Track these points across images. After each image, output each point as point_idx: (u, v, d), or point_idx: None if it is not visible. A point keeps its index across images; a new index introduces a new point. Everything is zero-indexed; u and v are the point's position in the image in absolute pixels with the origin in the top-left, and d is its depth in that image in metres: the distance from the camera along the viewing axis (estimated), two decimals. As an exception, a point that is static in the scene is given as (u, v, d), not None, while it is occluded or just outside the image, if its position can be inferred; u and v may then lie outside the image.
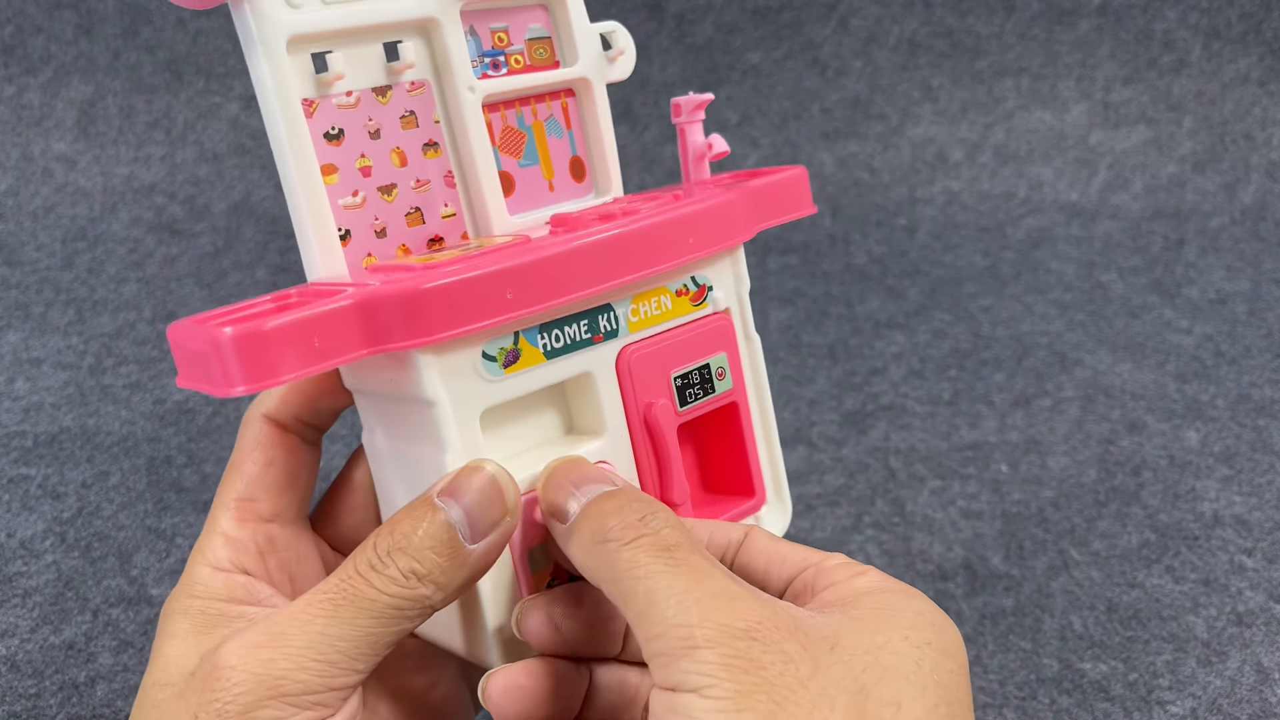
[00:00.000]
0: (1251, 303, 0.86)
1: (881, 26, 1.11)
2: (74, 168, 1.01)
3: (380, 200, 0.32)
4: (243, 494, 0.31)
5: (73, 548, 0.54)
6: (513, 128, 0.34)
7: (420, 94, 0.32)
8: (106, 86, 1.04)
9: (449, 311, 0.28)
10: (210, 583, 0.30)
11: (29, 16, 1.03)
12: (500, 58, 0.34)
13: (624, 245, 0.31)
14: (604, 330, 0.32)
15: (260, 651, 0.26)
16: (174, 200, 0.99)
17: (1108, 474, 0.62)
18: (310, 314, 0.26)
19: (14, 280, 0.86)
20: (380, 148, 0.32)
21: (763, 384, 0.37)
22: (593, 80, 0.35)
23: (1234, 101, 1.09)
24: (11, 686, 0.46)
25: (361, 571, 0.26)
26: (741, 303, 0.36)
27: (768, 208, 0.36)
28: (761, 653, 0.23)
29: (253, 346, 0.25)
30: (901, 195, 1.05)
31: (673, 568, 0.25)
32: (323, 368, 0.26)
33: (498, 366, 0.29)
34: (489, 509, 0.27)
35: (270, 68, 0.29)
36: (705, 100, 0.36)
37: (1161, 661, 0.47)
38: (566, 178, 0.36)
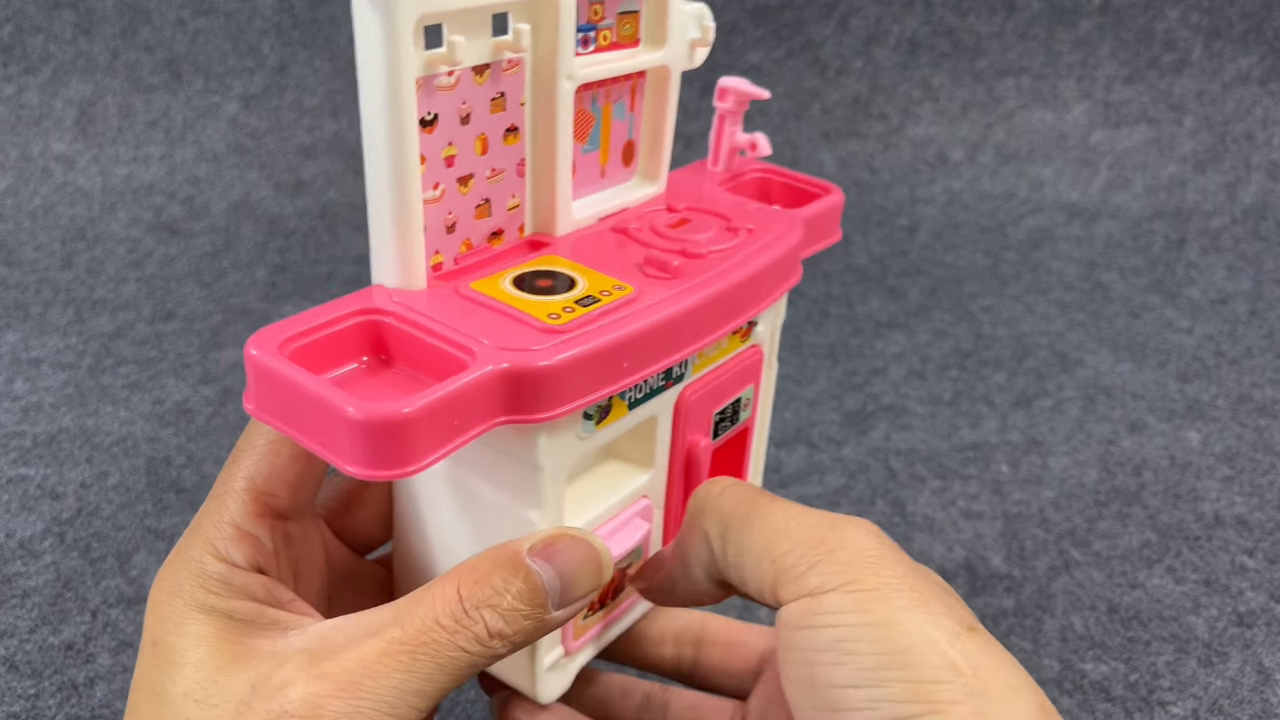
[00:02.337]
0: (1252, 302, 0.85)
1: (882, 26, 1.11)
2: (73, 167, 1.01)
3: (457, 192, 0.29)
4: (261, 486, 0.29)
5: (72, 548, 0.54)
6: (585, 110, 0.32)
7: (515, 74, 0.29)
8: (105, 86, 1.04)
9: (580, 385, 0.26)
10: (229, 580, 0.27)
11: (28, 16, 1.03)
12: (591, 33, 0.31)
13: (719, 306, 0.30)
14: (675, 376, 0.31)
15: (334, 703, 0.24)
16: (173, 200, 0.99)
17: (1108, 474, 0.62)
18: (450, 391, 0.23)
19: (13, 280, 0.86)
20: (467, 134, 0.28)
21: (769, 405, 0.37)
22: (673, 68, 0.33)
23: (1235, 101, 1.09)
24: (10, 687, 0.45)
25: (444, 624, 0.25)
26: (774, 334, 0.36)
27: (812, 239, 0.36)
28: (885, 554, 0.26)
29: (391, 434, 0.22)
30: (902, 195, 1.05)
31: (775, 500, 0.28)
32: (454, 448, 0.24)
33: (593, 425, 0.29)
34: (585, 581, 0.27)
35: (392, 50, 0.25)
36: (758, 95, 0.35)
37: (1162, 662, 0.47)
38: (617, 162, 0.34)
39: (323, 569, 0.32)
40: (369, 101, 0.26)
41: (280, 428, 0.25)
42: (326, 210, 1.00)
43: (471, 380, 0.24)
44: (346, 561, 0.34)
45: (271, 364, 0.24)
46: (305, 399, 0.23)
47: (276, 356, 0.24)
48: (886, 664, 0.23)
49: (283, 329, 0.25)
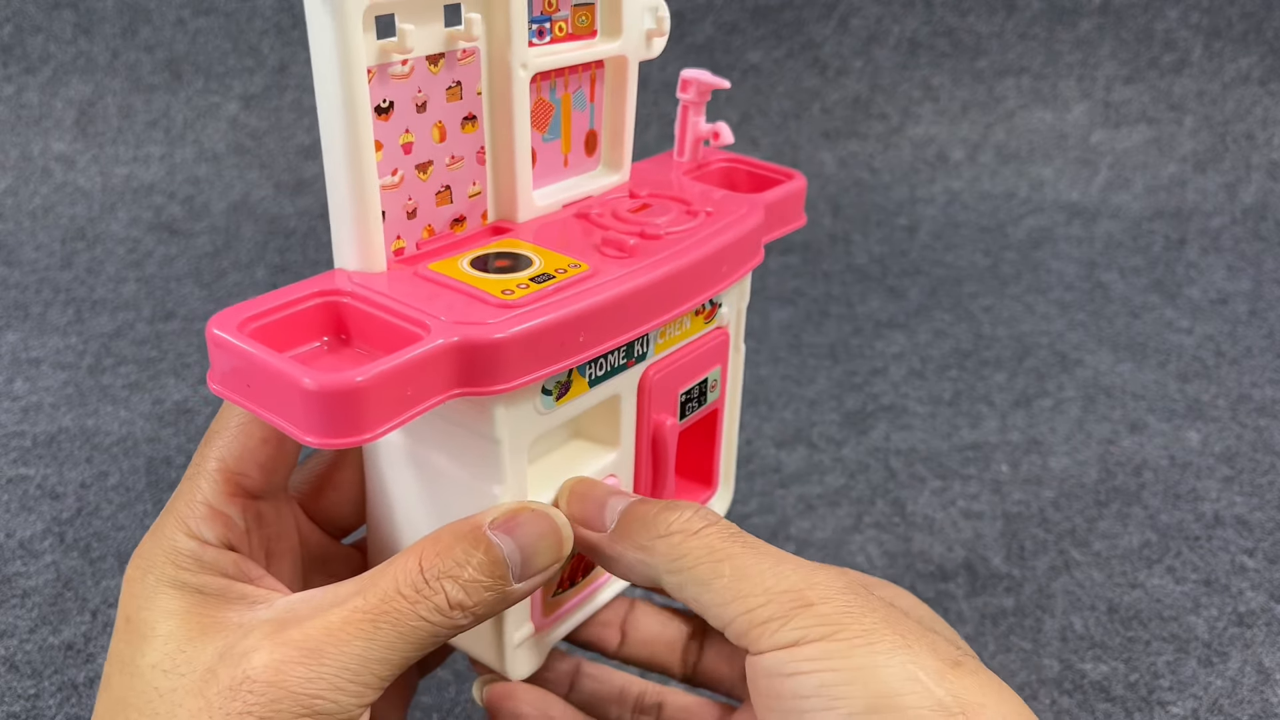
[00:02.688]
0: (1253, 302, 0.85)
1: (882, 26, 1.11)
2: (73, 167, 1.01)
3: (416, 179, 0.30)
4: (233, 467, 0.29)
5: (71, 548, 0.54)
6: (544, 100, 0.33)
7: (469, 63, 0.30)
8: (105, 86, 1.04)
9: (534, 357, 0.27)
10: (200, 556, 0.28)
11: (28, 16, 1.03)
12: (546, 24, 0.31)
13: (680, 279, 0.31)
14: (637, 355, 0.32)
15: (296, 669, 0.25)
16: (173, 200, 0.99)
17: (1108, 474, 0.62)
18: (404, 361, 0.24)
19: (13, 280, 0.86)
20: (424, 122, 0.29)
21: (738, 389, 0.37)
22: (630, 58, 0.34)
23: (1235, 101, 1.09)
24: (10, 687, 0.45)
25: (405, 594, 0.26)
26: (739, 316, 0.36)
27: (773, 222, 0.37)
28: (864, 603, 0.26)
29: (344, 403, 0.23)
30: (902, 195, 1.05)
31: (751, 549, 0.27)
32: (408, 418, 0.25)
33: (552, 400, 0.29)
34: (546, 554, 0.28)
35: (342, 38, 0.25)
36: (718, 85, 0.36)
37: (1162, 662, 0.47)
38: (580, 151, 0.35)
39: (296, 550, 0.33)
40: (323, 88, 0.26)
41: (241, 403, 0.25)
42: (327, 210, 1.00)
43: (424, 352, 0.25)
44: (321, 545, 0.34)
45: (231, 340, 0.25)
46: (263, 372, 0.24)
47: (236, 334, 0.25)
48: (874, 707, 0.24)
49: (244, 309, 0.26)
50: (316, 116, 0.28)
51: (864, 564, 0.54)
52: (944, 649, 0.25)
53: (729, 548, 0.27)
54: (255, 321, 0.26)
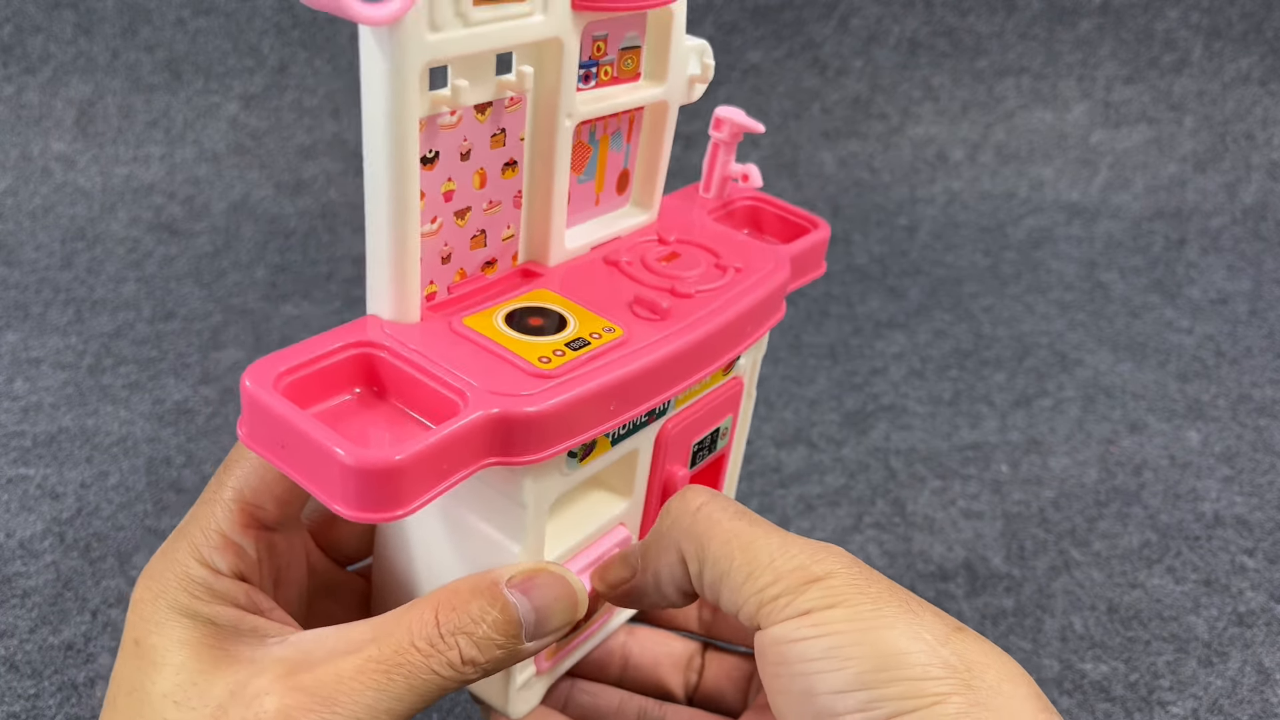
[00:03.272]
0: (1253, 302, 0.85)
1: (882, 26, 1.11)
2: (73, 167, 1.01)
3: (454, 225, 0.29)
4: (250, 499, 0.29)
5: (71, 548, 0.54)
6: (583, 143, 0.33)
7: (516, 111, 0.29)
8: (105, 86, 1.04)
9: (567, 429, 0.27)
10: (213, 586, 0.28)
11: (28, 16, 1.03)
12: (593, 69, 0.31)
13: (705, 348, 0.31)
14: (658, 412, 0.32)
15: (308, 716, 0.25)
16: (173, 200, 0.99)
17: (1108, 474, 0.62)
18: (441, 438, 0.24)
19: (13, 280, 0.86)
20: (466, 170, 0.29)
21: (745, 431, 0.38)
22: (672, 104, 0.34)
23: (1235, 101, 1.09)
24: (10, 687, 0.45)
25: (419, 646, 0.26)
26: (755, 367, 0.36)
27: (796, 273, 0.36)
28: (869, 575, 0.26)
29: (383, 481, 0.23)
30: (902, 195, 1.05)
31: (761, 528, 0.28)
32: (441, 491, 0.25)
33: (577, 462, 0.29)
34: (560, 616, 0.28)
35: (397, 94, 0.25)
36: (753, 129, 0.35)
37: (1162, 662, 0.47)
38: (611, 190, 0.35)
39: (303, 578, 0.33)
40: (372, 139, 0.26)
41: (273, 460, 0.25)
42: (326, 210, 1.00)
43: (462, 426, 0.25)
44: (327, 571, 0.35)
45: (267, 400, 0.24)
46: (298, 437, 0.24)
47: (272, 392, 0.25)
48: (882, 665, 0.24)
49: (279, 361, 0.26)
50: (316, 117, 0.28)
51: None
52: (946, 617, 0.26)
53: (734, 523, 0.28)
54: (290, 375, 0.25)
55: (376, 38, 0.24)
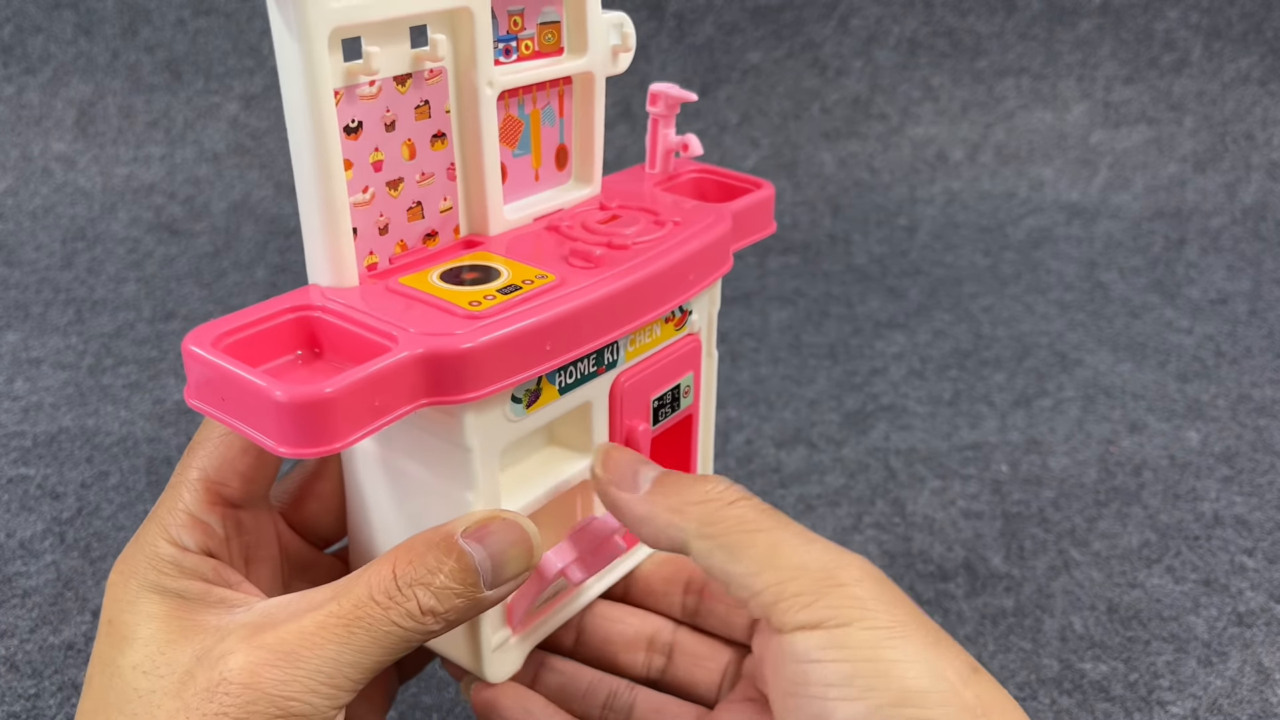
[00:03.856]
0: (1252, 302, 0.85)
1: (882, 26, 1.11)
2: (73, 167, 1.01)
3: (387, 196, 0.30)
4: (214, 476, 0.30)
5: (72, 548, 0.54)
6: (513, 117, 0.33)
7: (437, 83, 0.31)
8: (106, 86, 1.04)
9: (498, 368, 0.27)
10: (181, 562, 0.29)
11: (28, 16, 1.03)
12: (513, 43, 0.32)
13: (646, 288, 0.31)
14: (607, 362, 0.32)
15: (272, 671, 0.25)
16: (173, 200, 0.99)
17: (1108, 474, 0.62)
18: (371, 373, 0.25)
19: (13, 280, 0.86)
20: (393, 140, 0.30)
21: (712, 393, 0.38)
22: (597, 74, 0.35)
23: (1235, 101, 1.09)
24: (11, 687, 0.46)
25: (378, 600, 0.26)
26: (711, 323, 0.37)
27: (742, 230, 0.37)
28: (893, 592, 0.26)
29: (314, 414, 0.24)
30: (902, 195, 1.05)
31: (784, 525, 0.27)
32: (378, 427, 0.25)
33: (522, 407, 0.30)
34: (515, 562, 0.28)
35: (308, 62, 0.26)
36: (686, 98, 0.37)
37: (1162, 662, 0.47)
38: (551, 166, 0.36)
39: (276, 558, 0.33)
40: (292, 111, 0.27)
41: (217, 416, 0.26)
42: (327, 210, 1.00)
43: (391, 363, 0.25)
44: (303, 554, 0.35)
45: (205, 356, 0.25)
46: (236, 386, 0.25)
47: (210, 349, 0.26)
48: (903, 700, 0.24)
49: (218, 325, 0.27)
50: None
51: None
52: (964, 654, 0.26)
53: (762, 520, 0.27)
54: (229, 337, 0.26)
55: (281, 7, 0.26)
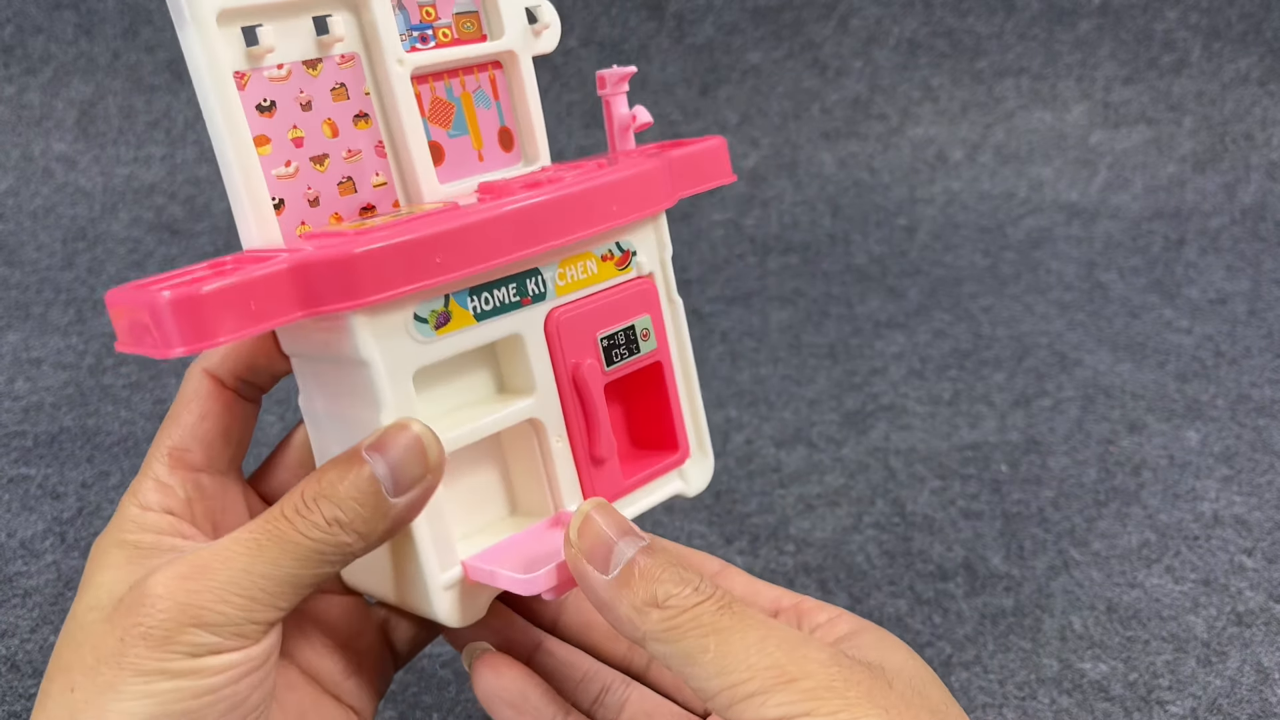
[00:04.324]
0: (1252, 303, 0.86)
1: (881, 26, 1.11)
2: (74, 168, 1.01)
3: (312, 170, 0.32)
4: (176, 443, 0.32)
5: (73, 547, 0.54)
6: (442, 99, 0.35)
7: (350, 67, 0.33)
8: (106, 86, 1.04)
9: (379, 274, 0.29)
10: (140, 520, 0.31)
11: (29, 16, 1.03)
12: (428, 31, 0.34)
13: (548, 211, 0.32)
14: (532, 293, 0.33)
15: (185, 583, 0.27)
16: (174, 200, 0.99)
17: (1108, 474, 0.62)
18: (245, 278, 0.27)
19: (14, 280, 0.86)
20: (312, 119, 0.32)
21: (685, 344, 0.38)
22: (518, 53, 0.36)
23: (1234, 101, 1.09)
24: (12, 687, 0.46)
25: (287, 515, 0.28)
26: (664, 267, 0.37)
27: (689, 176, 0.38)
28: (849, 675, 0.26)
29: (190, 309, 0.26)
30: (901, 195, 1.05)
31: (740, 621, 0.27)
32: (259, 329, 0.28)
33: (429, 328, 0.31)
34: (412, 465, 0.29)
35: (201, 41, 0.29)
36: (629, 73, 0.38)
37: (1161, 661, 0.47)
38: (495, 148, 0.37)
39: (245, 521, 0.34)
40: (199, 89, 0.30)
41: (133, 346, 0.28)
42: (327, 210, 1.00)
43: (266, 271, 0.28)
44: None
45: (116, 295, 0.28)
46: (136, 304, 0.27)
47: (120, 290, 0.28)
48: None
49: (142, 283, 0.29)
50: None
51: (863, 563, 0.54)
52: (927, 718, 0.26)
53: (720, 620, 0.27)
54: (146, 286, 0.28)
55: None
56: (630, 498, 0.36)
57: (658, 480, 0.37)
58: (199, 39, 0.29)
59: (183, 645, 0.27)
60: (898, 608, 0.51)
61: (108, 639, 0.27)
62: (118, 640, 0.27)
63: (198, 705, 0.27)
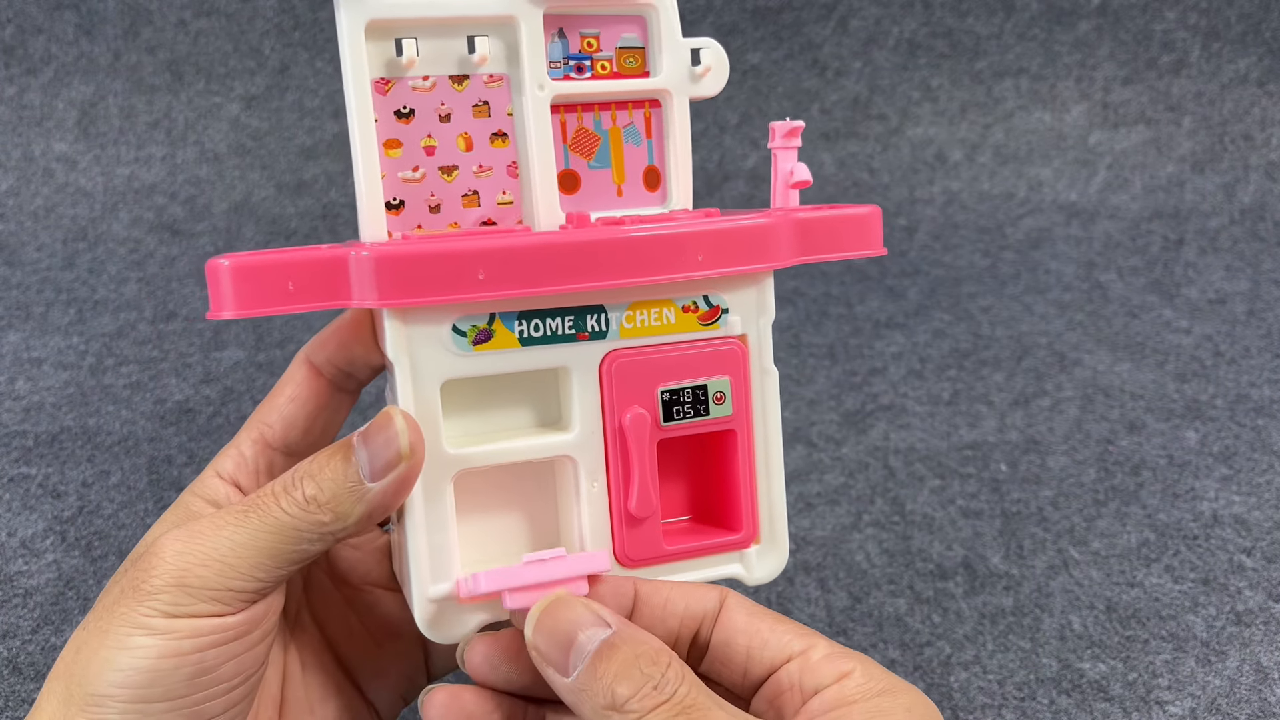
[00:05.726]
0: (1250, 303, 0.86)
1: (881, 27, 1.11)
2: (75, 168, 1.01)
3: (439, 178, 0.34)
4: (264, 419, 0.34)
5: (73, 547, 0.54)
6: (587, 129, 0.35)
7: (498, 87, 0.34)
8: (107, 87, 1.04)
9: (414, 280, 0.29)
10: (210, 486, 0.33)
11: (30, 17, 1.03)
12: (586, 62, 0.35)
13: (613, 249, 0.31)
14: (591, 329, 0.32)
15: (177, 544, 0.29)
16: (174, 200, 0.99)
17: (1107, 473, 0.62)
18: (288, 259, 0.29)
19: (15, 280, 0.86)
20: (448, 130, 0.34)
21: (772, 418, 0.35)
22: (674, 93, 0.36)
23: (1233, 102, 1.09)
24: (14, 690, 0.46)
25: (276, 491, 0.29)
26: (761, 332, 0.35)
27: (820, 241, 0.35)
28: None
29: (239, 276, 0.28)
30: (901, 195, 1.05)
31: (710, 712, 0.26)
32: (297, 308, 0.29)
33: (467, 342, 0.31)
34: (385, 450, 0.29)
35: (349, 46, 0.32)
36: (798, 127, 0.36)
37: (1161, 661, 0.47)
38: (639, 185, 0.36)
39: None
40: (345, 88, 0.32)
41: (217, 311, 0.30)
42: (328, 211, 1.00)
43: (307, 255, 0.29)
44: None
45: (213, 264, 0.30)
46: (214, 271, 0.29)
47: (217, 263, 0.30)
48: None
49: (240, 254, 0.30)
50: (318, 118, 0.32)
51: (863, 562, 0.54)
52: None
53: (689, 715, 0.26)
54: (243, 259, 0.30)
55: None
56: (670, 567, 0.34)
57: (711, 557, 0.35)
58: (347, 44, 0.32)
59: (163, 603, 0.28)
60: (897, 607, 0.51)
61: (115, 589, 0.29)
62: (119, 590, 0.29)
63: (165, 666, 0.27)
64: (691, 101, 0.36)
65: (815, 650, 0.30)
